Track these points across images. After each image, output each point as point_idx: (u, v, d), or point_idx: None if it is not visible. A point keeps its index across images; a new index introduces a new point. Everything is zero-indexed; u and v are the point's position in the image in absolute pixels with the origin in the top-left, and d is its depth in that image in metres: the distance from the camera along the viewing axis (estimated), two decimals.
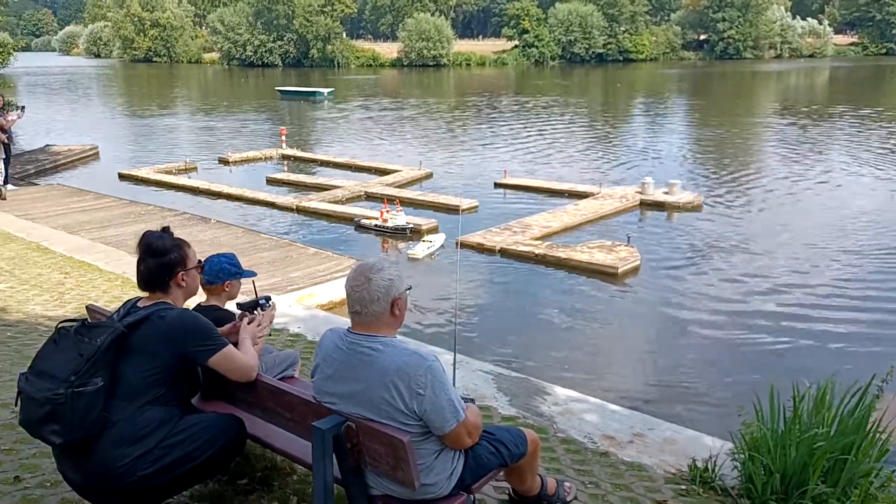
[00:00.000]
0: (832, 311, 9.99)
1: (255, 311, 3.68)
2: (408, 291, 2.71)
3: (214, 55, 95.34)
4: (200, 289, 3.40)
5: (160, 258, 2.97)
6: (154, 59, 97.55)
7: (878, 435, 3.75)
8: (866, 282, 11.24)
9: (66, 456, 2.76)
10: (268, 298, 3.79)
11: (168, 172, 19.61)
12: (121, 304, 3.08)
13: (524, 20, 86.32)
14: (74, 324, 2.83)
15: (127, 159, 22.93)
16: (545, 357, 8.46)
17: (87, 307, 3.81)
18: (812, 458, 3.60)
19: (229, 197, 16.78)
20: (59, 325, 2.85)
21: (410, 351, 2.60)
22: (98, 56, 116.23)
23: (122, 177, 19.47)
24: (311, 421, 2.75)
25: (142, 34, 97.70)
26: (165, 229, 3.11)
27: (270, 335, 4.60)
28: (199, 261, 3.24)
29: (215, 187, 17.33)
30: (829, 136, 27.99)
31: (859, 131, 28.88)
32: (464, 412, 2.63)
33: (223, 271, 3.75)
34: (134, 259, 3.05)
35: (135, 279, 3.03)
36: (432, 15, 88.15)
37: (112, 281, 8.09)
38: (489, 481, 3.01)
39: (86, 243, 10.33)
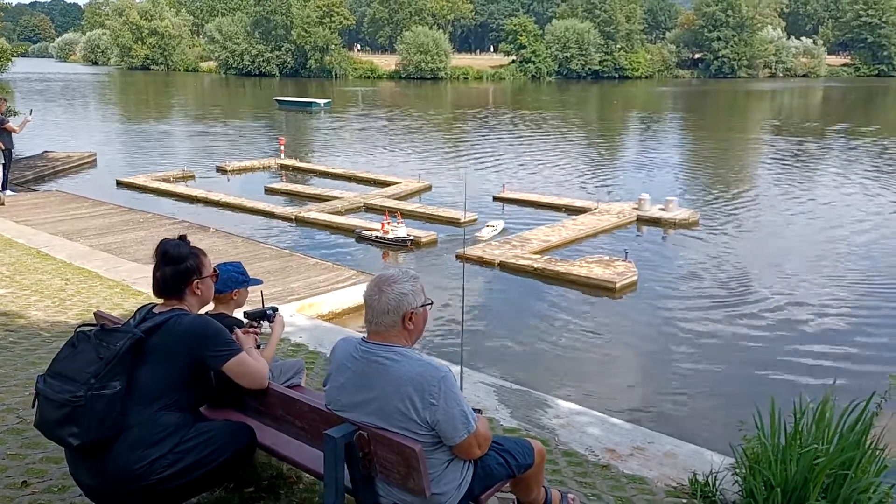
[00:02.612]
0: (828, 327, 10.08)
1: (262, 321, 3.73)
2: (428, 306, 2.75)
3: (211, 64, 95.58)
4: None
5: (177, 265, 3.02)
6: (151, 67, 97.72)
7: (876, 451, 3.79)
8: (860, 298, 11.35)
9: (82, 459, 2.79)
10: (275, 309, 3.83)
11: (166, 180, 19.61)
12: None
13: (521, 36, 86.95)
14: (93, 328, 2.88)
15: (124, 166, 22.94)
16: (545, 370, 8.50)
17: (95, 314, 3.85)
18: (812, 473, 3.63)
19: (228, 206, 16.78)
20: (79, 329, 2.89)
21: (425, 361, 2.63)
22: (95, 63, 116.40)
23: (119, 184, 19.49)
24: (321, 429, 2.78)
25: (140, 42, 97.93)
26: (182, 237, 3.15)
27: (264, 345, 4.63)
28: (215, 269, 3.29)
29: (213, 196, 17.34)
30: (822, 155, 28.29)
31: (851, 150, 29.25)
32: (475, 423, 2.67)
33: (231, 280, 3.77)
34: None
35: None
36: (430, 28, 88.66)
37: (112, 288, 8.10)
38: (497, 492, 3.05)
39: (85, 250, 10.33)
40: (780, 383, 8.03)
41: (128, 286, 8.12)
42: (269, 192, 18.77)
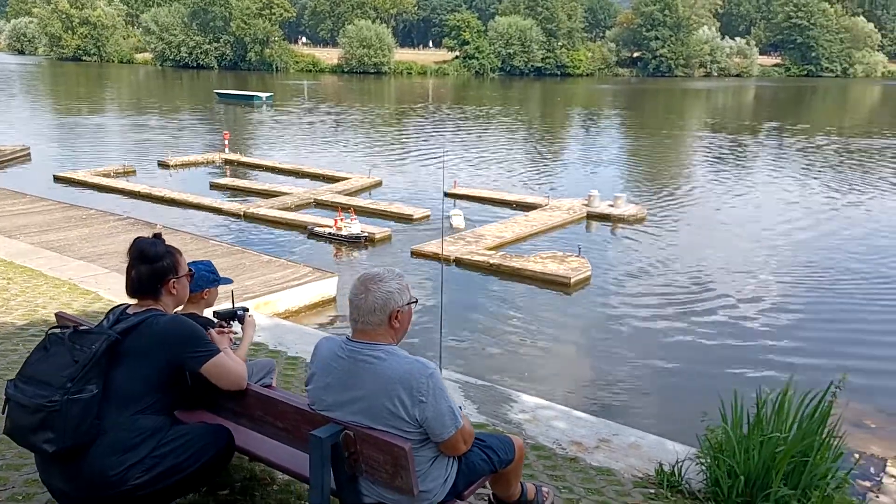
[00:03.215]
0: (776, 320, 10.48)
1: (233, 321, 3.68)
2: (412, 304, 2.75)
3: (147, 55, 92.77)
4: None
5: (152, 264, 2.96)
6: (83, 57, 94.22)
7: (833, 439, 3.96)
8: (805, 291, 11.88)
9: (54, 464, 2.70)
10: (245, 309, 3.78)
11: (106, 175, 19.03)
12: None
13: (465, 32, 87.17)
14: (66, 330, 2.78)
15: (61, 161, 22.14)
16: (505, 365, 8.59)
17: (56, 315, 3.71)
18: (774, 460, 3.77)
19: (173, 202, 16.38)
20: (50, 332, 2.79)
21: (412, 359, 2.64)
22: (22, 53, 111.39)
23: (57, 179, 18.83)
24: (304, 429, 2.75)
25: (70, 32, 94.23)
26: (157, 236, 3.09)
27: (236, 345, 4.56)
28: (190, 269, 3.23)
29: (157, 191, 16.90)
30: (758, 152, 29.37)
31: (784, 147, 30.48)
32: (461, 419, 2.69)
33: (202, 279, 3.72)
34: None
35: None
36: (373, 22, 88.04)
37: (59, 287, 7.81)
38: (479, 487, 3.07)
39: (27, 248, 9.93)
40: (734, 376, 8.31)
41: (75, 285, 7.85)
42: (215, 187, 18.41)
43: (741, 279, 12.16)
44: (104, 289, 7.69)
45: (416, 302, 2.82)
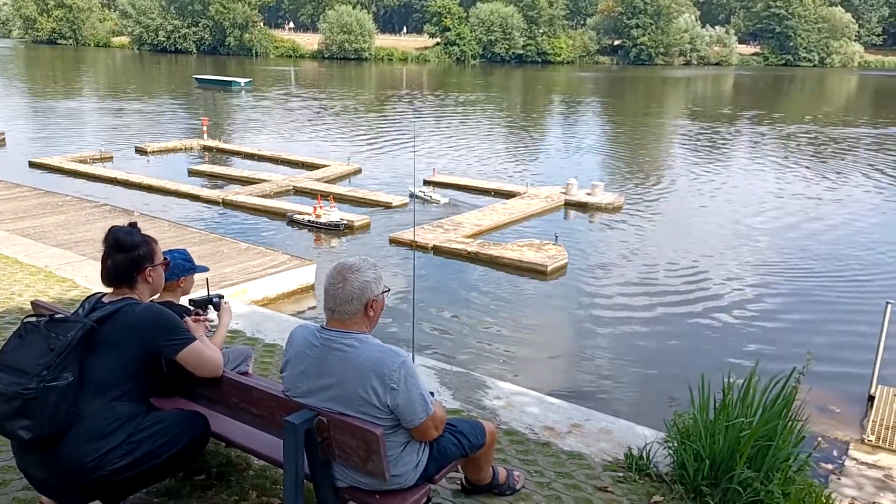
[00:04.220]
0: (748, 307, 10.70)
1: (208, 308, 3.71)
2: (385, 294, 2.81)
3: (124, 39, 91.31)
4: None
5: (129, 253, 2.98)
6: (59, 41, 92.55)
7: (796, 423, 4.08)
8: (777, 278, 12.10)
9: (31, 452, 2.73)
10: (220, 296, 3.81)
11: (83, 161, 18.81)
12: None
13: (446, 18, 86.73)
14: (42, 318, 2.81)
15: (36, 146, 21.85)
16: (481, 352, 8.69)
17: (32, 303, 3.73)
18: (739, 444, 3.88)
19: (150, 188, 16.26)
20: (25, 320, 2.82)
21: (385, 347, 2.70)
22: None
23: (33, 165, 18.59)
24: (279, 416, 2.81)
25: (45, 14, 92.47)
26: (133, 224, 3.11)
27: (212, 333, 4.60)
28: (165, 258, 3.26)
29: (135, 178, 16.75)
30: (735, 140, 29.71)
31: (759, 134, 30.82)
32: (432, 406, 2.76)
33: (178, 267, 3.74)
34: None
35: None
36: (354, 8, 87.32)
37: (34, 274, 7.77)
38: (451, 471, 3.15)
39: (2, 235, 9.81)
40: (704, 362, 8.44)
41: (51, 272, 7.81)
42: (194, 174, 18.28)
43: (715, 268, 12.35)
44: (81, 276, 7.66)
45: (389, 291, 2.88)
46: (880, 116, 40.06)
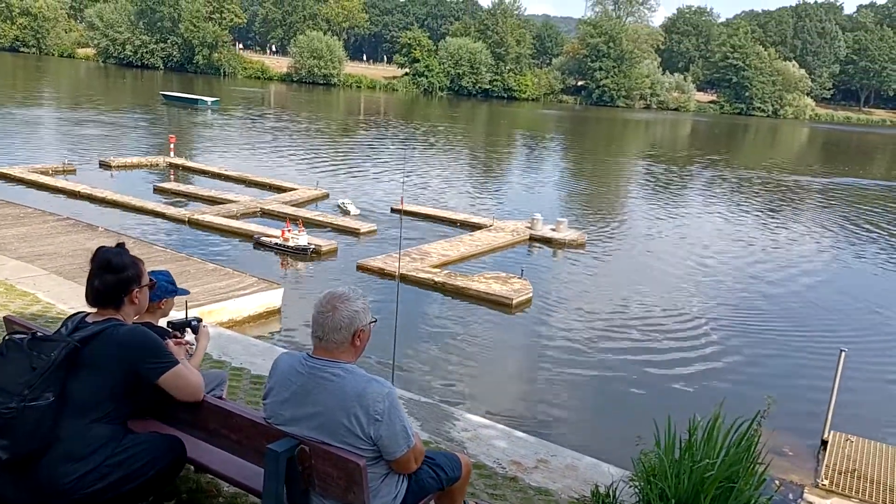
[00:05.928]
0: (708, 343, 10.97)
1: (186, 331, 3.71)
2: (372, 324, 2.84)
3: (90, 51, 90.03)
4: None
5: (118, 275, 2.95)
6: (21, 49, 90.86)
7: (758, 465, 4.20)
8: (737, 316, 12.46)
9: (7, 474, 2.68)
10: (199, 320, 3.81)
11: (44, 173, 18.40)
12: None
13: (415, 50, 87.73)
14: (24, 336, 2.78)
15: None
16: (448, 383, 8.71)
17: (5, 319, 3.67)
18: (703, 486, 3.97)
19: (115, 204, 15.97)
20: (7, 338, 2.78)
21: (370, 378, 2.72)
22: None
23: None
24: (259, 443, 2.80)
25: (9, 21, 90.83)
26: (121, 245, 3.09)
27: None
28: (152, 279, 3.25)
29: (99, 192, 16.43)
30: (692, 182, 30.68)
31: (716, 178, 31.89)
32: (413, 438, 2.78)
33: (161, 289, 3.72)
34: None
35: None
36: (325, 34, 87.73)
37: None
38: None
39: None
40: (667, 398, 8.63)
41: (12, 286, 7.61)
42: (159, 191, 18.00)
43: (675, 306, 12.63)
44: (42, 291, 7.49)
45: (376, 322, 2.92)
46: (828, 167, 41.70)
